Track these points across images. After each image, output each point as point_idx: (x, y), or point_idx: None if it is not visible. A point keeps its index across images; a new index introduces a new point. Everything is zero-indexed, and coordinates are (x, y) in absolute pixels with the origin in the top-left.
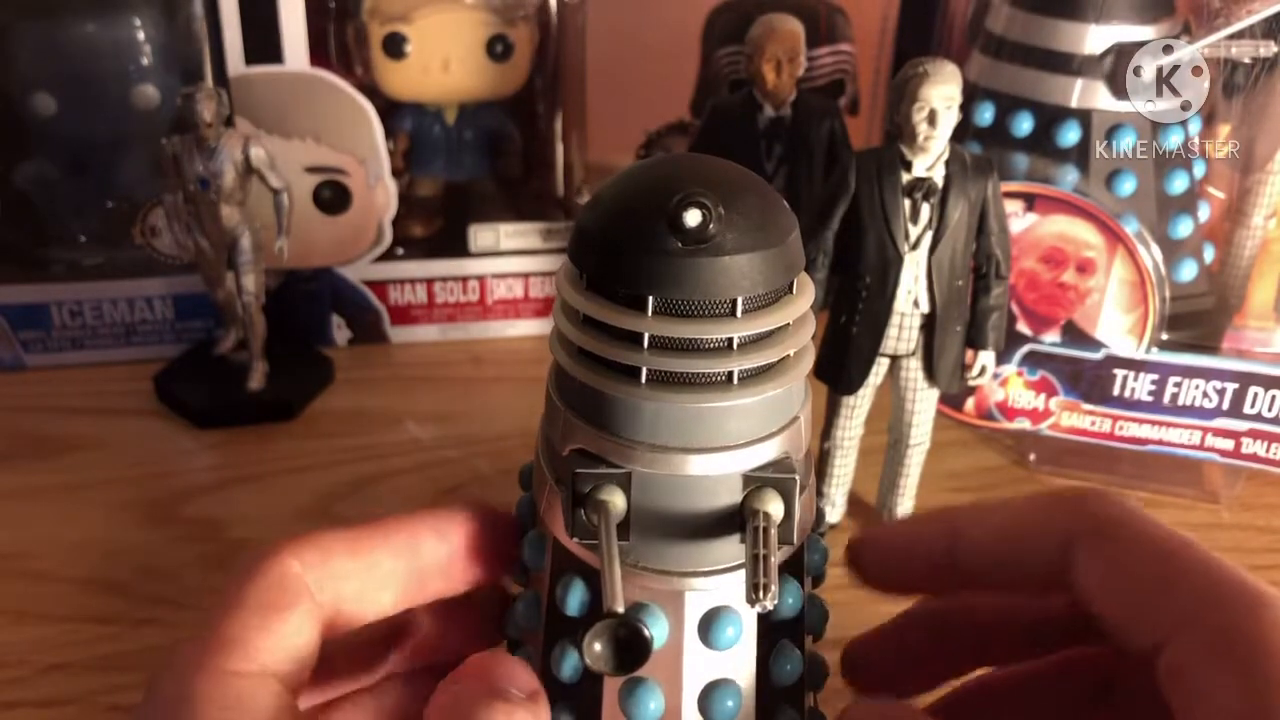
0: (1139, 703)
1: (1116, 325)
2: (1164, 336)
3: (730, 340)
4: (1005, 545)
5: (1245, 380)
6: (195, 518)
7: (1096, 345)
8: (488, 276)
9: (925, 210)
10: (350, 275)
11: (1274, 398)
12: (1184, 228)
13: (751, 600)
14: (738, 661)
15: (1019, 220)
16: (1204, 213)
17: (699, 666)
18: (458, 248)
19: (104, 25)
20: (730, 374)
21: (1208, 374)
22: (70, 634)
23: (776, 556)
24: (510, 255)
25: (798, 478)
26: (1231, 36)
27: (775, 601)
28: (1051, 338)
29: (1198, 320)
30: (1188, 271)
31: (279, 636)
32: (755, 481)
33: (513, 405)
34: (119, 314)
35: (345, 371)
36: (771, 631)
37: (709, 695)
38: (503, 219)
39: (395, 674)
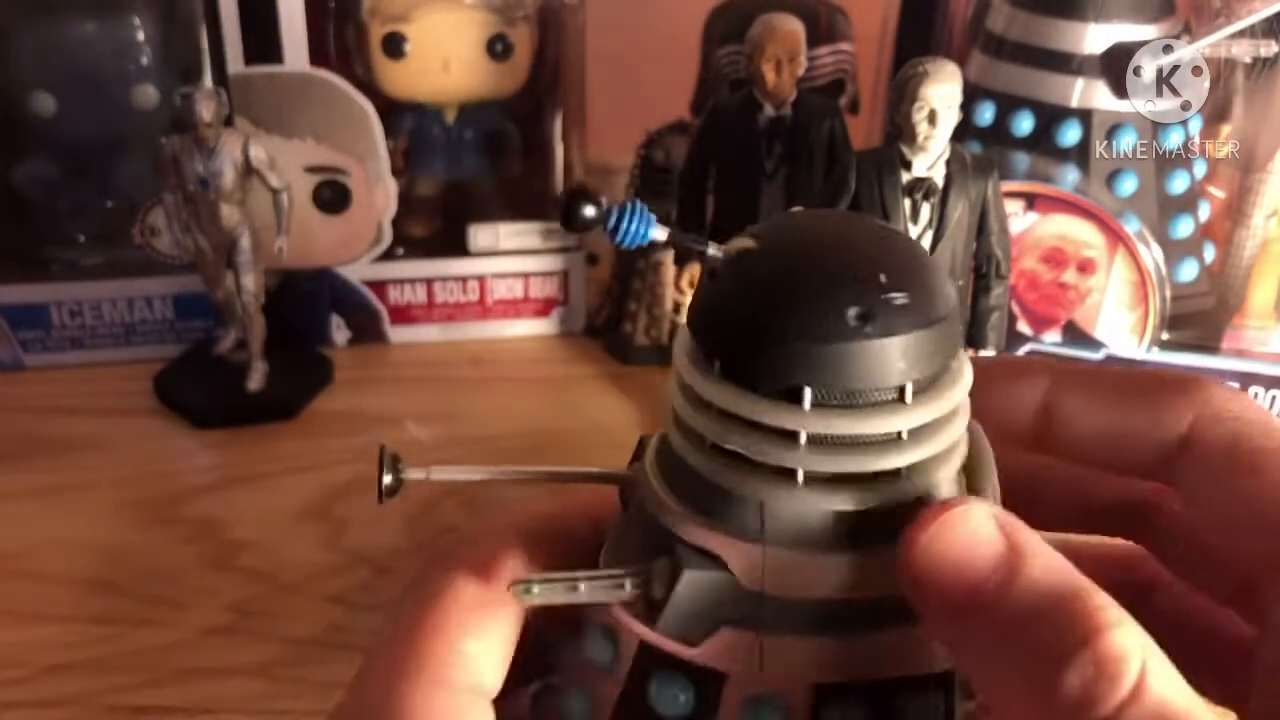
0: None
1: (1117, 324)
2: (1164, 336)
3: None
4: (1109, 416)
5: (1245, 380)
6: (195, 518)
7: (1097, 345)
8: (487, 276)
9: (925, 210)
10: (350, 275)
11: (1274, 397)
12: (1184, 227)
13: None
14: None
15: (1019, 220)
16: (1204, 212)
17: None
18: (457, 248)
19: (104, 25)
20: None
21: (1208, 373)
22: (70, 634)
23: (582, 590)
24: (510, 255)
25: (686, 573)
26: (1232, 36)
27: (526, 595)
28: (1052, 337)
29: (1198, 320)
30: (1188, 271)
31: (485, 649)
32: (666, 539)
33: (513, 405)
34: (119, 314)
35: (345, 371)
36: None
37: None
38: (502, 219)
39: None
